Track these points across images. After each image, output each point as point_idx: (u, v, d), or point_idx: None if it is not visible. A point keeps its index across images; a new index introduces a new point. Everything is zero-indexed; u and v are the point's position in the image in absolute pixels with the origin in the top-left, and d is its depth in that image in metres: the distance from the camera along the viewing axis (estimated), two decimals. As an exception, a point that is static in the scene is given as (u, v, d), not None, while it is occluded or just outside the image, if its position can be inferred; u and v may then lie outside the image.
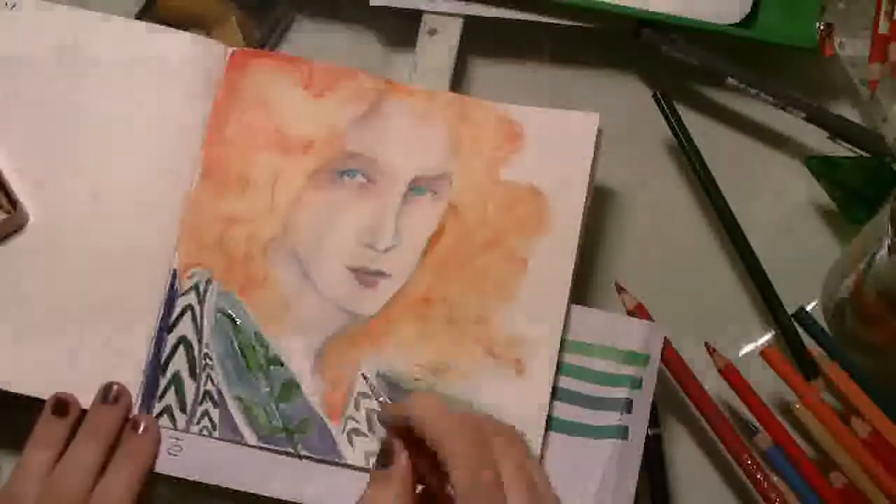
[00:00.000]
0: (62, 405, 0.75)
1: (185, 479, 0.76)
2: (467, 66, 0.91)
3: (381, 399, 0.77)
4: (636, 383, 0.78)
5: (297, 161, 0.81)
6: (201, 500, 0.78)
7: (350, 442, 0.77)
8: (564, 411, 0.77)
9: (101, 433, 0.75)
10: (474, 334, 0.78)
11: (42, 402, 0.76)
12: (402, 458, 0.65)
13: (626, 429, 0.77)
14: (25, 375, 0.78)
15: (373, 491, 0.65)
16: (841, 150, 0.86)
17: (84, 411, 0.76)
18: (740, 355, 0.84)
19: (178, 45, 0.83)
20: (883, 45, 0.87)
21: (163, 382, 0.78)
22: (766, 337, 0.85)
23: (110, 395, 0.76)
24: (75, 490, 0.72)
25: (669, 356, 0.80)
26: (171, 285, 0.79)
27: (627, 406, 0.77)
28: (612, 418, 0.77)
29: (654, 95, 0.87)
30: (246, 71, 0.83)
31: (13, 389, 0.77)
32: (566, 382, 0.78)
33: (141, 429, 0.76)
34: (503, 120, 0.82)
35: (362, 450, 0.77)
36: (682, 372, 0.80)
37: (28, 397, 0.77)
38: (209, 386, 0.78)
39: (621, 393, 0.78)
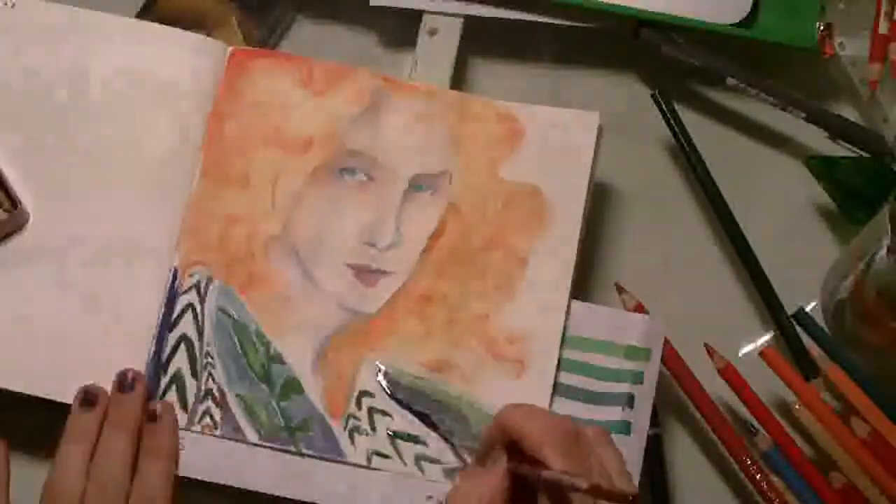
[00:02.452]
0: (90, 397, 0.76)
1: (187, 478, 0.76)
2: (467, 66, 0.91)
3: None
4: (638, 378, 0.78)
5: (298, 159, 0.81)
6: (203, 498, 0.78)
7: (351, 440, 0.77)
8: (566, 407, 0.77)
9: (125, 422, 0.75)
10: (475, 332, 0.78)
11: (45, 401, 0.76)
12: (503, 458, 0.68)
13: (628, 424, 0.77)
14: (27, 375, 0.77)
15: (465, 483, 0.70)
16: (841, 150, 0.86)
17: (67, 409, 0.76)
18: (740, 355, 0.84)
19: (178, 44, 0.83)
20: (883, 45, 0.87)
21: (164, 381, 0.78)
22: (766, 337, 0.85)
23: (126, 382, 0.76)
24: (117, 480, 0.73)
25: (669, 356, 0.80)
26: (172, 284, 0.79)
27: (629, 401, 0.77)
28: (614, 413, 0.77)
29: (654, 95, 0.87)
30: (246, 70, 0.83)
31: (15, 389, 0.77)
32: (567, 378, 0.78)
33: (157, 416, 0.76)
34: (503, 118, 0.82)
35: (363, 448, 0.76)
36: (682, 372, 0.80)
37: (31, 397, 0.77)
38: (210, 384, 0.78)
39: (623, 388, 0.78)
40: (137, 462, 0.75)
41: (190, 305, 0.79)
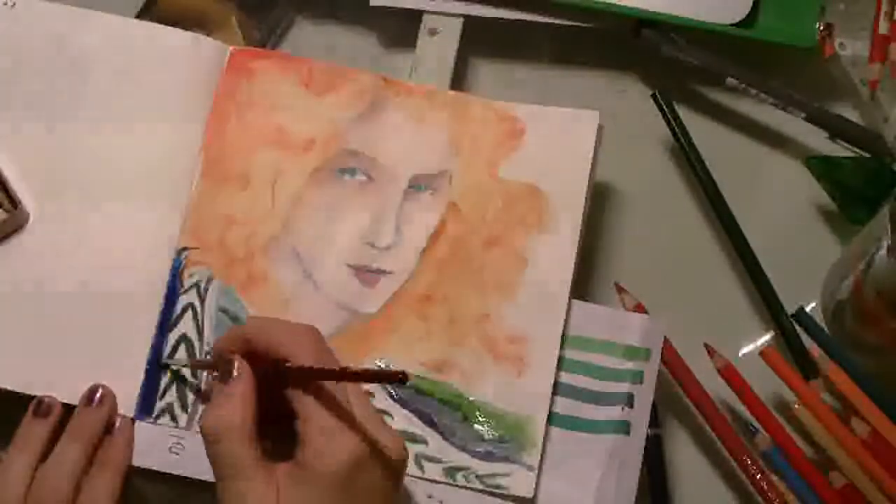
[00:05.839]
0: (43, 407, 0.76)
1: (187, 478, 0.76)
2: (467, 66, 0.91)
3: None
4: (637, 377, 0.78)
5: (298, 160, 0.81)
6: (202, 498, 0.78)
7: (351, 440, 0.77)
8: (566, 406, 0.77)
9: (84, 434, 0.75)
10: (475, 332, 0.78)
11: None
12: (245, 368, 0.69)
13: (627, 423, 0.77)
14: (26, 375, 0.77)
15: (219, 401, 0.68)
16: (841, 150, 0.86)
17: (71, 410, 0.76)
18: (740, 355, 0.84)
19: (178, 44, 0.83)
20: (883, 45, 0.87)
21: (164, 381, 0.78)
22: (766, 337, 0.85)
23: (95, 397, 0.76)
24: (59, 490, 0.73)
25: (669, 356, 0.80)
26: (172, 284, 0.79)
27: (629, 400, 0.77)
28: (613, 413, 0.77)
29: (654, 95, 0.87)
30: (246, 70, 0.83)
31: (14, 389, 0.77)
32: (567, 378, 0.78)
33: (115, 430, 0.76)
34: (503, 117, 0.82)
35: (363, 448, 0.77)
36: (682, 372, 0.80)
37: (30, 397, 0.77)
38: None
39: (622, 387, 0.78)
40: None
41: (190, 305, 0.79)
